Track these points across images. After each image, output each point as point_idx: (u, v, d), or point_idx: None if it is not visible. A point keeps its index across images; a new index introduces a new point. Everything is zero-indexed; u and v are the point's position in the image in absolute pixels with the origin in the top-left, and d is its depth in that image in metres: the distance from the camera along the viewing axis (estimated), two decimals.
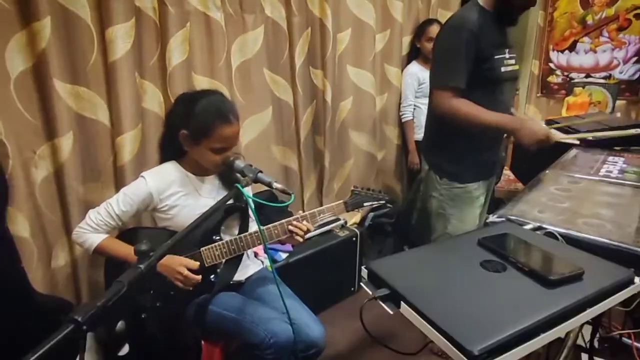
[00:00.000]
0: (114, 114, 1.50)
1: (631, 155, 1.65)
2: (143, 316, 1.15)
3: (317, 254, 2.02)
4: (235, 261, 1.31)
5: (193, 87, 1.65)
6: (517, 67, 1.57)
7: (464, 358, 0.56)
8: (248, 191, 1.43)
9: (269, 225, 1.25)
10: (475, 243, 0.88)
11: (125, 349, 0.50)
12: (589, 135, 1.87)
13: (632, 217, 1.05)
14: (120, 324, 0.48)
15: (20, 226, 1.37)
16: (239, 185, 1.03)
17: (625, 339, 1.75)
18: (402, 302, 0.70)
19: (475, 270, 0.77)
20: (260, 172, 1.12)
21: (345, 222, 2.30)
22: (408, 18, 2.48)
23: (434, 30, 2.33)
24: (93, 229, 1.21)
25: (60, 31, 1.34)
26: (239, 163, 1.16)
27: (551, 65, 3.09)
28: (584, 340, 1.71)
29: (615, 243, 0.90)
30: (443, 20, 2.01)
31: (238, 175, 1.19)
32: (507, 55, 1.49)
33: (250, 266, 1.47)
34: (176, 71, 1.61)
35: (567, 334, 1.39)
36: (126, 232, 1.31)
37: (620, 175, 1.38)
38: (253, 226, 1.36)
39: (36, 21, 1.27)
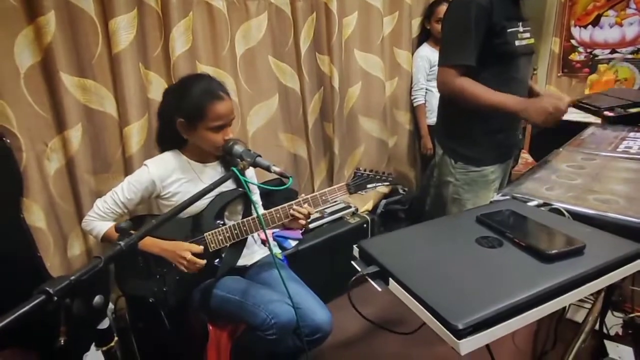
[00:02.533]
0: (120, 105, 1.53)
1: None
2: (151, 300, 1.19)
3: (328, 241, 2.01)
4: (239, 245, 1.32)
5: None
6: (532, 40, 1.49)
7: (448, 332, 0.54)
8: (252, 176, 1.44)
9: (271, 210, 1.26)
10: (474, 220, 0.85)
11: (105, 323, 0.51)
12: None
13: None
14: (97, 298, 0.49)
15: (36, 216, 1.42)
16: (234, 169, 1.04)
17: None
18: (390, 279, 0.68)
19: (470, 246, 0.74)
20: (259, 156, 1.13)
21: (357, 209, 2.28)
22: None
23: (444, 10, 2.25)
24: (100, 217, 1.24)
25: (64, 25, 1.37)
26: (238, 148, 1.16)
27: (573, 42, 2.94)
28: (606, 327, 1.65)
29: (625, 218, 0.85)
30: None
31: (237, 160, 1.20)
32: (520, 29, 1.41)
33: (257, 252, 1.48)
34: (180, 61, 1.63)
35: (586, 319, 1.34)
36: (135, 219, 1.35)
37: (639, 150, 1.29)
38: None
39: (41, 16, 1.30)
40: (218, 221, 1.29)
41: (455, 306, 0.57)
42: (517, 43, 1.39)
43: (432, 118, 2.45)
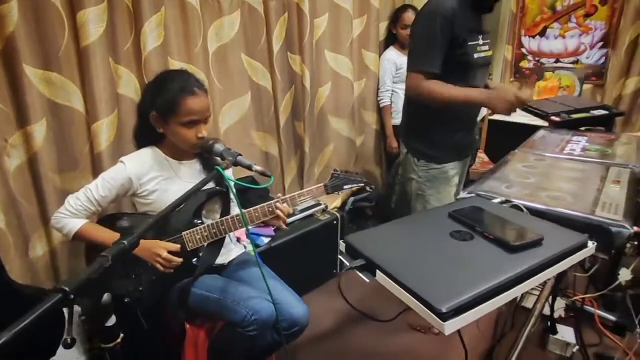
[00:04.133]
0: (88, 100, 1.47)
1: (594, 135, 1.74)
2: (126, 300, 1.17)
3: (299, 237, 2.06)
4: (217, 244, 1.33)
5: None
6: (490, 53, 1.62)
7: (434, 316, 0.61)
8: (229, 174, 1.44)
9: (250, 209, 1.28)
10: (446, 216, 0.93)
11: (112, 320, 0.52)
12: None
13: (590, 190, 1.12)
14: (106, 296, 0.50)
15: None
16: (219, 168, 1.05)
17: (587, 307, 1.88)
18: (377, 271, 0.74)
19: (445, 240, 0.82)
20: (240, 155, 1.14)
21: (326, 207, 2.34)
22: (384, 3, 2.50)
23: (408, 17, 2.37)
24: (72, 214, 1.20)
25: (28, 14, 1.31)
26: (218, 146, 1.17)
27: (523, 50, 3.18)
28: (551, 311, 1.83)
29: (573, 212, 0.97)
30: (418, 6, 2.05)
31: (217, 158, 1.20)
32: (480, 42, 1.54)
33: (232, 250, 1.50)
34: (152, 56, 1.59)
35: (534, 305, 1.49)
36: (105, 218, 1.31)
37: (582, 153, 1.46)
38: (234, 209, 1.38)
39: (3, 4, 1.23)
40: (196, 220, 1.29)
41: (438, 292, 0.64)
42: (475, 55, 1.51)
43: (397, 118, 2.56)
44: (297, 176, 2.43)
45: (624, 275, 1.91)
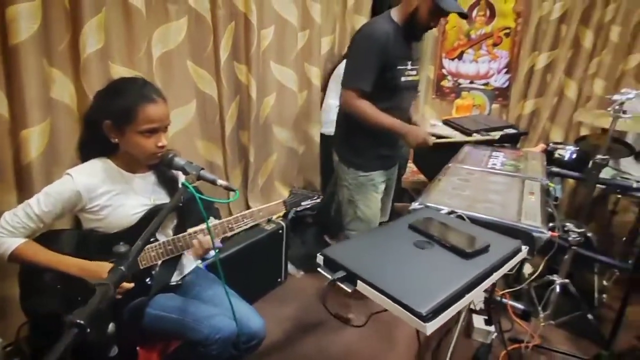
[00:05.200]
0: (15, 105, 1.31)
1: (508, 151, 2.03)
2: (68, 318, 1.06)
3: (246, 248, 2.05)
4: (172, 262, 1.28)
5: (110, 77, 1.53)
6: (417, 77, 1.82)
7: (416, 319, 0.69)
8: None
9: (215, 223, 1.25)
10: (407, 227, 1.03)
11: (114, 350, 0.49)
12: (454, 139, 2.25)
13: (513, 201, 1.33)
14: (111, 326, 0.47)
15: None
16: (186, 183, 1.03)
17: (504, 300, 2.18)
18: (358, 281, 0.80)
19: (411, 249, 0.92)
20: (202, 168, 1.12)
21: (272, 216, 2.36)
22: (326, 19, 2.61)
23: None
24: (9, 232, 1.07)
25: None
26: (179, 160, 1.13)
27: (444, 71, 3.56)
28: (474, 304, 2.08)
29: (504, 221, 1.15)
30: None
31: (176, 172, 1.17)
32: (409, 67, 1.73)
33: (185, 266, 1.44)
34: (91, 60, 1.47)
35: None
36: (50, 235, 1.17)
37: (502, 167, 1.71)
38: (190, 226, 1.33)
39: None
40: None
41: (416, 297, 0.73)
42: (402, 79, 1.69)
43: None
44: (241, 186, 2.41)
45: (527, 269, 2.25)
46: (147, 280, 1.22)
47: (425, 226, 1.02)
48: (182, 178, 1.27)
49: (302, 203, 1.42)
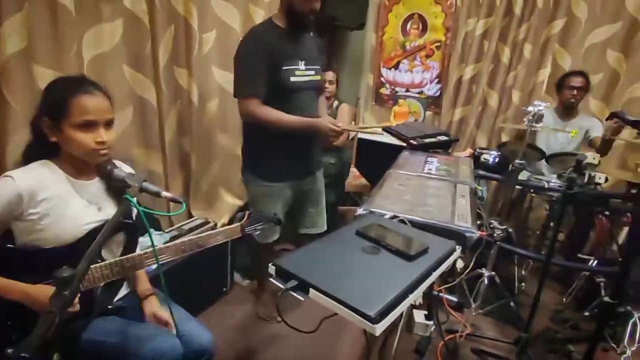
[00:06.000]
0: None
1: (440, 157, 2.20)
2: (10, 352, 0.96)
3: (190, 259, 1.97)
4: (116, 284, 1.20)
5: (33, 79, 1.41)
6: (317, 77, 1.74)
7: (366, 321, 0.74)
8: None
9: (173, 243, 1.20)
10: (354, 233, 1.09)
11: None
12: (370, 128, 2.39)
13: (448, 204, 1.45)
14: (56, 357, 0.44)
15: None
16: (129, 197, 0.98)
17: (441, 294, 2.35)
18: (310, 289, 0.83)
19: (359, 255, 0.98)
20: (145, 180, 1.07)
21: (215, 224, 2.31)
22: None
23: None
24: None
25: None
26: (119, 172, 1.07)
27: (382, 79, 3.75)
28: (414, 301, 2.21)
29: (441, 223, 1.26)
30: None
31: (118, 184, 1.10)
32: (301, 67, 1.66)
33: (124, 286, 1.36)
34: (11, 61, 1.34)
35: None
36: None
37: (437, 172, 1.85)
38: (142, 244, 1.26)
39: None
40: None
41: (365, 301, 0.78)
42: (292, 79, 1.62)
43: None
44: (183, 194, 2.33)
45: (460, 264, 2.44)
46: (88, 303, 1.13)
47: (371, 232, 1.08)
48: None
49: (259, 227, 1.40)
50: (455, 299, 2.36)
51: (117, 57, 1.75)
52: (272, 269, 0.90)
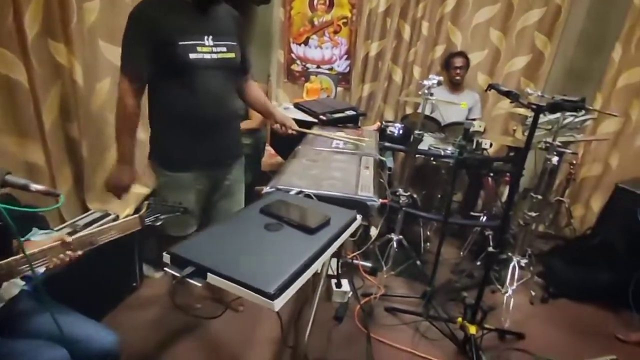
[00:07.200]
0: None
1: (349, 131, 2.28)
2: None
3: (89, 256, 1.79)
4: None
5: None
6: (230, 55, 1.54)
7: (264, 299, 0.74)
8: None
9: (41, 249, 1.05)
10: (259, 211, 1.08)
11: None
12: None
13: (353, 175, 1.51)
14: None
15: None
16: None
17: (355, 261, 2.49)
18: (208, 274, 0.81)
19: (262, 233, 0.97)
20: (9, 172, 0.93)
21: (117, 216, 2.12)
22: None
23: None
24: None
25: None
26: None
27: (293, 55, 3.71)
28: (332, 270, 2.31)
29: (344, 195, 1.31)
30: None
31: None
32: (207, 42, 1.47)
33: (5, 293, 1.19)
34: None
35: (322, 267, 1.86)
36: None
37: (344, 146, 1.91)
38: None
39: None
40: None
41: (264, 279, 0.78)
42: (192, 56, 1.43)
43: None
44: (74, 187, 2.08)
45: (373, 232, 2.60)
46: None
47: (275, 209, 1.08)
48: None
49: (162, 217, 1.29)
50: (369, 264, 2.52)
51: None
52: (166, 257, 0.86)
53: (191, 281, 0.81)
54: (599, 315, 2.34)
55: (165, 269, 0.85)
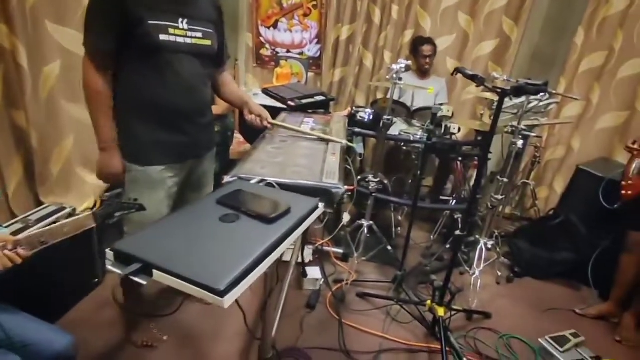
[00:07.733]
0: None
1: (318, 117, 2.23)
2: None
3: (43, 254, 1.68)
4: None
5: None
6: (205, 42, 1.45)
7: (213, 295, 0.70)
8: None
9: None
10: (215, 202, 1.02)
11: None
12: None
13: (318, 162, 1.47)
14: None
15: None
16: None
17: (325, 248, 2.47)
18: (154, 271, 0.75)
19: (216, 225, 0.92)
20: None
21: (74, 210, 2.01)
22: None
23: None
24: None
25: None
26: None
27: (262, 39, 3.59)
28: (303, 258, 2.28)
29: (308, 182, 1.26)
30: None
31: None
32: (181, 25, 1.37)
33: None
34: None
35: (292, 256, 1.84)
36: None
37: (312, 132, 1.86)
38: None
39: None
40: None
41: (213, 274, 0.73)
42: (162, 38, 1.32)
43: None
44: (25, 179, 1.95)
45: (345, 218, 2.59)
46: None
47: (232, 199, 1.03)
48: None
49: (116, 214, 1.21)
50: (340, 251, 2.51)
51: None
52: (109, 254, 0.79)
53: (135, 279, 0.75)
54: (560, 293, 2.44)
55: (108, 266, 0.79)
